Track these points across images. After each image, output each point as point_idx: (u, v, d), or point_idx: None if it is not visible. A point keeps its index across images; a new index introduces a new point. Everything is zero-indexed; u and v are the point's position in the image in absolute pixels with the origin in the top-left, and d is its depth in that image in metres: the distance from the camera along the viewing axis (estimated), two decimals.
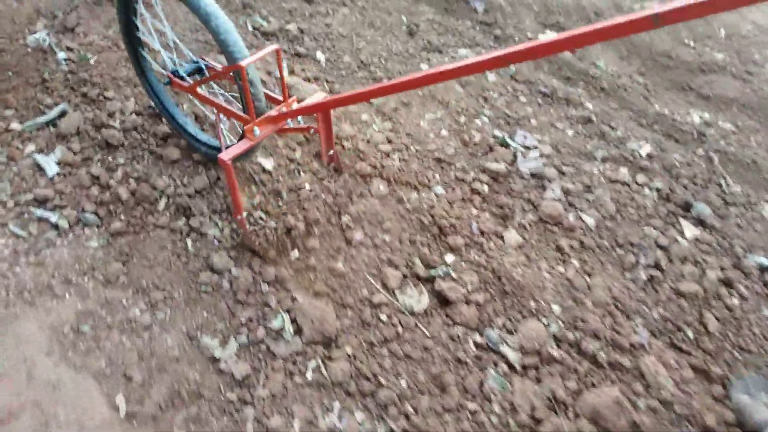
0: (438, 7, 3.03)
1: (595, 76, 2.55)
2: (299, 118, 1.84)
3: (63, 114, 2.27)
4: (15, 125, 2.22)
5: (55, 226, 1.90)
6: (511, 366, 1.63)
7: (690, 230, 2.05)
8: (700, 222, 2.08)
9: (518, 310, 1.75)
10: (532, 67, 2.64)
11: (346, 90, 2.49)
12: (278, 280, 1.77)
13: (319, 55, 2.66)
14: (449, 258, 1.85)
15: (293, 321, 1.68)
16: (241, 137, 1.73)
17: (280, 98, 1.76)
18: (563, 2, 3.00)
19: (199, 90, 1.85)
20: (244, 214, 1.81)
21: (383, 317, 1.70)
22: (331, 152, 1.98)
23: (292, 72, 2.56)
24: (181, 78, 1.90)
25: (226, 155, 1.63)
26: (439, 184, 2.08)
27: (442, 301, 1.76)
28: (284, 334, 1.66)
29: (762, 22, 3.20)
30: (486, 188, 2.06)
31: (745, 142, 2.51)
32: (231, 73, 1.66)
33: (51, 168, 2.07)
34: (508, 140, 2.23)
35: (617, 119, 2.45)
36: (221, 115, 1.84)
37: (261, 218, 1.91)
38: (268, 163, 2.09)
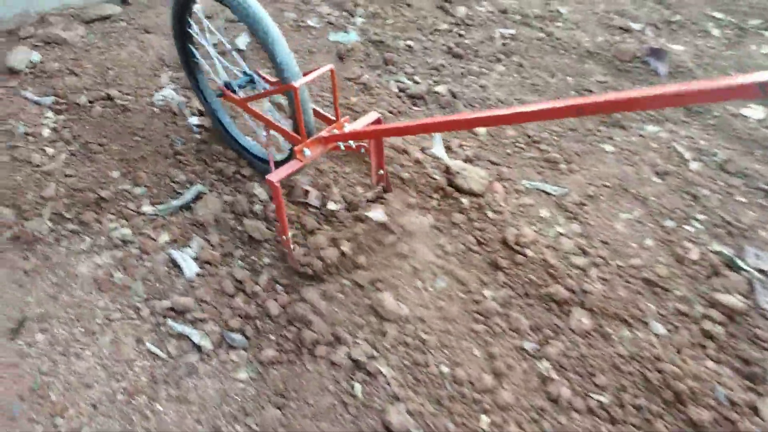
0: (608, 66, 2.63)
1: None
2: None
3: (198, 196, 2.02)
4: (147, 208, 1.99)
5: (198, 347, 1.63)
6: None
7: None
8: None
9: None
10: (741, 152, 2.20)
11: (514, 173, 2.14)
12: None
13: (480, 129, 2.32)
14: None
15: None
16: (290, 156, 1.77)
17: (332, 118, 1.76)
18: (764, 66, 2.53)
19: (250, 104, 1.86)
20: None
21: None
22: (381, 172, 1.94)
23: (448, 149, 2.22)
24: (233, 90, 1.91)
25: (274, 177, 1.64)
26: (656, 318, 1.68)
27: None
28: None
29: None
30: (721, 330, 1.65)
31: None
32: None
33: (189, 267, 1.81)
34: (738, 261, 1.81)
35: None
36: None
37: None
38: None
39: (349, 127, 1.70)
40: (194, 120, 2.31)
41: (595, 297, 1.72)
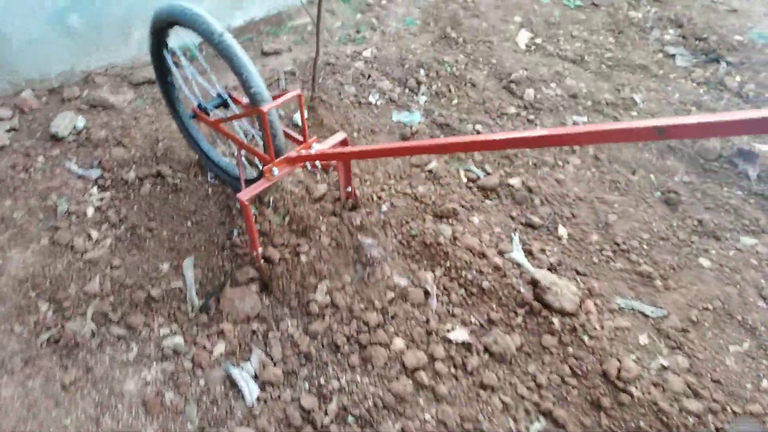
0: (693, 164, 2.49)
1: None
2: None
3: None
4: (191, 310, 1.81)
5: None
6: None
7: None
8: None
9: None
10: None
11: (605, 287, 1.96)
12: None
13: (561, 231, 2.16)
14: None
15: None
16: (260, 176, 1.86)
17: (300, 138, 1.87)
18: None
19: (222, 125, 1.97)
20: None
21: None
22: (349, 189, 2.09)
23: (529, 253, 2.06)
24: (206, 112, 2.00)
25: (244, 195, 1.73)
26: None
27: None
28: None
29: None
30: None
31: None
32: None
33: (251, 390, 1.62)
34: None
35: None
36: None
37: None
38: None
39: (316, 148, 1.82)
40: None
41: None
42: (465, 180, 2.35)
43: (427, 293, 1.88)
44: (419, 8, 3.49)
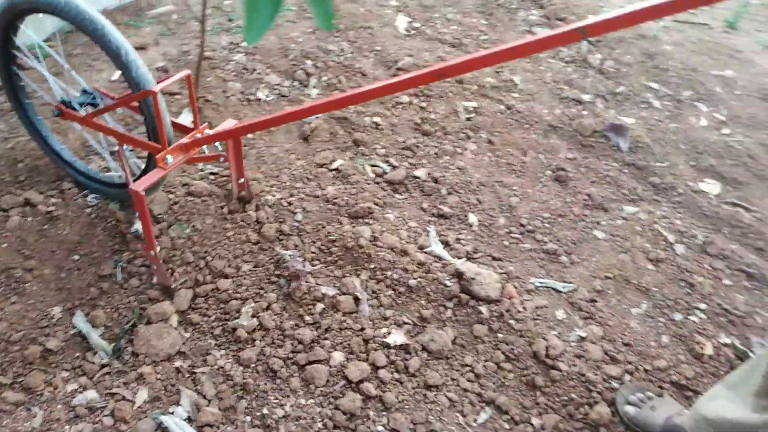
0: (572, 141, 2.70)
1: None
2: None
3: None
4: (101, 357, 1.63)
5: None
6: None
7: None
8: None
9: None
10: (712, 230, 2.35)
11: (519, 269, 2.07)
12: None
13: (471, 218, 2.23)
14: None
15: None
16: (147, 167, 1.84)
17: (189, 126, 1.81)
18: (708, 140, 2.76)
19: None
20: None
21: None
22: (242, 180, 2.02)
23: (446, 244, 2.11)
24: (73, 109, 1.86)
25: (138, 186, 1.61)
26: None
27: None
28: None
29: None
30: None
31: None
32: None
33: None
34: (750, 353, 1.90)
35: None
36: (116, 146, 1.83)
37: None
38: None
39: (205, 131, 1.76)
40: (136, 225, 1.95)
41: None
42: (373, 176, 2.33)
43: (357, 300, 1.85)
44: None
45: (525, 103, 2.86)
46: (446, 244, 2.12)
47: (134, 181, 1.65)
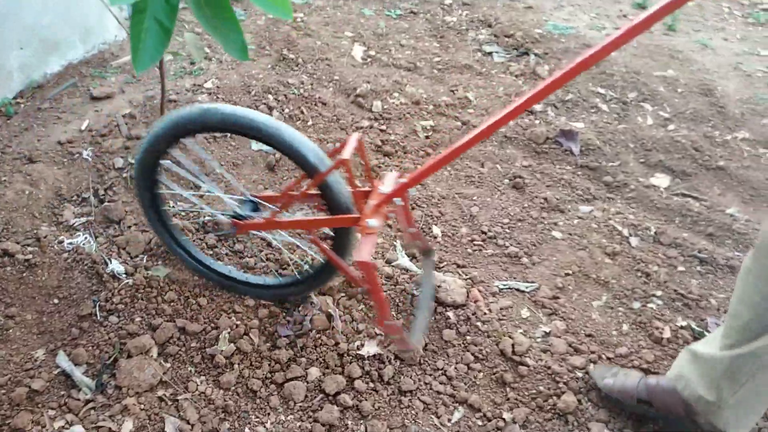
0: (527, 149, 2.83)
1: (740, 230, 2.42)
2: None
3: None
4: (86, 393, 1.68)
5: None
6: None
7: None
8: None
9: None
10: (664, 221, 2.48)
11: (483, 274, 2.17)
12: None
13: (435, 230, 2.34)
14: None
15: None
16: (294, 282, 1.84)
17: (363, 188, 1.70)
18: (655, 137, 2.91)
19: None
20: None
21: None
22: (413, 230, 1.86)
23: (413, 257, 2.21)
24: (246, 218, 1.75)
25: (364, 256, 1.48)
26: None
27: None
28: None
29: None
30: None
31: None
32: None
33: None
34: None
35: None
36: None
37: None
38: None
39: (386, 188, 1.63)
40: (118, 266, 2.02)
41: (599, 399, 1.78)
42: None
43: (330, 317, 1.94)
44: (251, 33, 3.48)
45: (480, 118, 3.00)
46: (412, 256, 2.22)
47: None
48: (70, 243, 2.09)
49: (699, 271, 2.28)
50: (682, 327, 2.04)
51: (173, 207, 2.22)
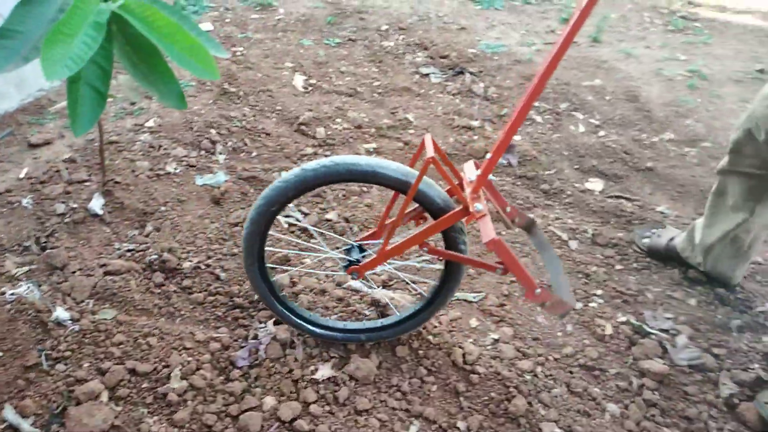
0: None
1: (671, 226, 2.56)
2: None
3: None
4: None
5: None
6: None
7: None
8: None
9: None
10: (600, 223, 2.60)
11: None
12: None
13: None
14: None
15: None
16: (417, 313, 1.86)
17: (452, 179, 1.67)
18: (587, 144, 3.06)
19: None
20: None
21: None
22: (509, 208, 1.81)
23: (364, 278, 2.24)
24: (357, 260, 1.81)
25: (490, 236, 1.49)
26: (607, 400, 1.87)
27: None
28: None
29: None
30: (658, 397, 1.88)
31: None
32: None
33: None
34: (644, 327, 2.10)
35: None
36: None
37: None
38: None
39: (472, 175, 1.67)
40: (63, 313, 1.98)
41: (549, 399, 1.84)
42: (286, 226, 2.46)
43: (283, 345, 1.95)
44: None
45: (421, 137, 3.08)
46: (364, 277, 2.25)
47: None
48: (12, 294, 2.04)
49: (635, 268, 2.39)
50: (622, 323, 2.14)
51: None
